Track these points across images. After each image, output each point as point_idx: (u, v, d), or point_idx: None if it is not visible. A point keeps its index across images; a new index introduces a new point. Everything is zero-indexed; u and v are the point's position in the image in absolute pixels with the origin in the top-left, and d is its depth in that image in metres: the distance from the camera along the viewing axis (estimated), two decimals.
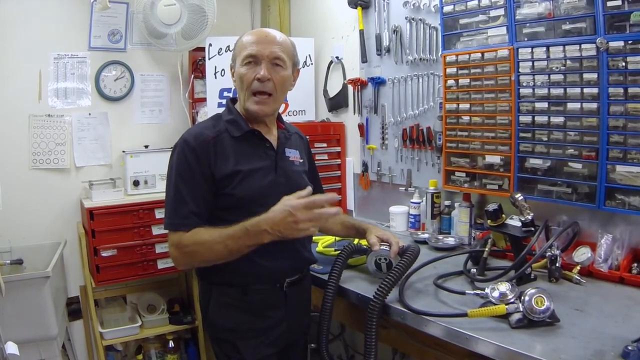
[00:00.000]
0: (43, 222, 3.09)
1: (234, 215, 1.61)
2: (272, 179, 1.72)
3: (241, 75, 1.69)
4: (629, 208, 1.84)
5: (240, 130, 1.72)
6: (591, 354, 1.32)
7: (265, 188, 1.69)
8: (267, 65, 1.68)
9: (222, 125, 1.73)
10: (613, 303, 1.67)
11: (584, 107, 1.93)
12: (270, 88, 1.70)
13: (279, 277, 1.76)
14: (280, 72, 1.71)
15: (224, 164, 1.66)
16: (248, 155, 1.71)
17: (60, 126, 3.09)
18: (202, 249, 1.60)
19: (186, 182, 1.64)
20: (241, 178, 1.66)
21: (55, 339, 2.61)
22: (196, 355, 3.36)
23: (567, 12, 1.94)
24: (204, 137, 1.67)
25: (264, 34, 1.73)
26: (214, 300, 1.74)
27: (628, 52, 1.79)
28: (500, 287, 1.59)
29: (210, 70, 3.03)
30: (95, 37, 3.14)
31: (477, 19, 2.24)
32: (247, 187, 1.67)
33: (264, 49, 1.68)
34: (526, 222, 1.89)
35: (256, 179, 1.69)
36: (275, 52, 1.70)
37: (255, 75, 1.67)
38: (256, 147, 1.74)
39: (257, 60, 1.68)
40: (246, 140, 1.73)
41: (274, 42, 1.71)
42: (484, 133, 2.27)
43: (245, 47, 1.70)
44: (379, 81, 2.86)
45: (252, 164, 1.70)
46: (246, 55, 1.68)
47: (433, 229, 2.54)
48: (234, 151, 1.69)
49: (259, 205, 1.61)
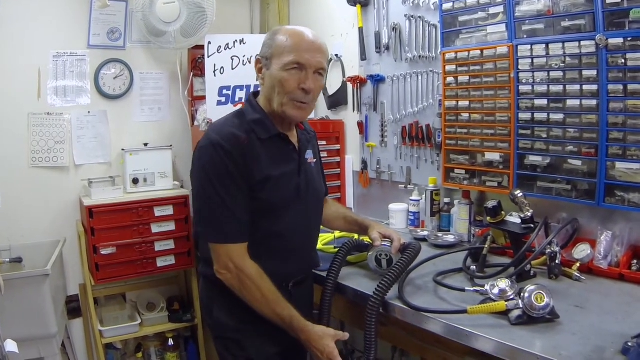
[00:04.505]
0: (42, 220, 3.09)
1: (259, 217, 1.64)
2: (296, 183, 1.72)
3: (282, 80, 1.62)
4: (628, 205, 1.84)
5: (268, 132, 1.67)
6: (591, 350, 1.32)
7: (291, 192, 1.70)
8: (312, 76, 1.64)
9: (248, 125, 1.67)
10: (613, 300, 1.67)
11: (584, 104, 1.93)
12: (311, 99, 1.67)
13: (287, 279, 1.77)
14: (320, 81, 1.69)
15: (257, 169, 1.62)
16: (276, 160, 1.68)
17: (59, 124, 3.09)
18: (257, 296, 1.60)
19: (228, 190, 1.59)
20: (272, 183, 1.65)
21: (54, 337, 2.61)
22: (196, 354, 3.36)
23: (566, 9, 1.94)
24: (237, 139, 1.61)
25: (310, 41, 1.65)
26: (220, 300, 1.73)
27: (627, 49, 1.78)
28: (500, 284, 1.59)
29: (210, 68, 3.02)
30: (95, 35, 3.14)
31: (476, 16, 2.23)
32: (277, 192, 1.66)
33: (311, 58, 1.63)
34: (526, 219, 1.89)
35: (284, 184, 1.68)
36: (322, 62, 1.66)
37: (300, 85, 1.62)
38: (282, 151, 1.72)
39: (302, 68, 1.62)
40: (273, 143, 1.69)
41: (319, 50, 1.66)
42: (484, 130, 2.26)
43: (289, 51, 1.62)
44: (379, 79, 2.86)
45: (280, 168, 1.68)
46: (291, 61, 1.61)
47: (432, 226, 2.54)
48: (263, 155, 1.64)
49: (283, 209, 1.67)
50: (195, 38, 3.08)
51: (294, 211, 1.72)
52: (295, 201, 1.71)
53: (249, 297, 1.61)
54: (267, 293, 1.60)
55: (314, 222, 1.89)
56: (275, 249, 1.71)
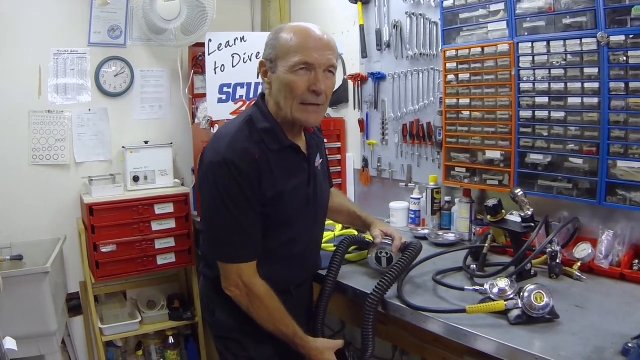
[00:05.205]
0: (43, 218, 3.09)
1: (268, 227, 1.62)
2: (306, 193, 1.69)
3: (290, 83, 1.51)
4: (630, 204, 1.83)
5: (279, 144, 1.60)
6: (591, 351, 1.31)
7: (302, 204, 1.67)
8: (323, 76, 1.54)
9: (258, 134, 1.57)
10: (614, 300, 1.66)
11: (585, 102, 1.91)
12: (324, 99, 1.57)
13: (291, 283, 1.77)
14: (331, 79, 1.59)
15: (270, 184, 1.56)
16: (287, 173, 1.62)
17: (60, 122, 3.09)
18: (264, 315, 1.60)
19: (242, 211, 1.54)
20: (285, 198, 1.60)
21: (54, 334, 2.61)
22: (196, 352, 3.36)
23: (567, 7, 1.92)
24: (252, 156, 1.52)
25: (317, 37, 1.54)
26: (220, 299, 1.69)
27: (629, 47, 1.77)
28: (500, 283, 1.58)
29: (210, 65, 3.01)
30: (95, 33, 3.13)
31: (477, 14, 2.22)
32: (289, 207, 1.63)
33: (320, 57, 1.52)
34: (526, 218, 1.88)
35: (295, 198, 1.64)
36: (331, 59, 1.55)
37: (311, 87, 1.52)
38: (293, 162, 1.66)
39: (311, 68, 1.52)
40: (284, 154, 1.62)
41: (328, 47, 1.55)
42: (484, 128, 2.25)
43: (295, 50, 1.51)
44: (379, 76, 2.85)
45: (291, 182, 1.63)
46: (298, 61, 1.50)
47: (433, 224, 2.53)
48: (275, 168, 1.57)
49: (292, 219, 1.66)
50: (195, 35, 3.07)
51: (303, 220, 1.70)
52: (304, 210, 1.68)
53: (256, 315, 1.61)
54: (274, 312, 1.60)
55: (320, 227, 1.88)
56: (282, 256, 1.69)
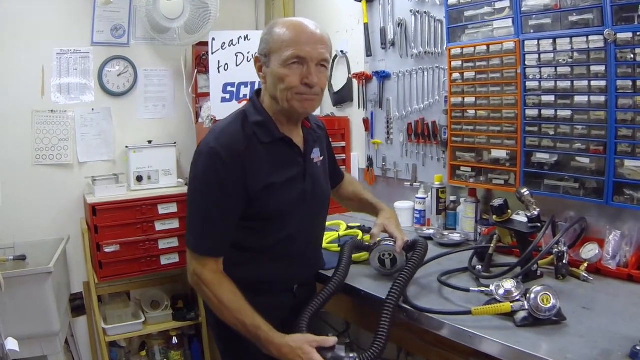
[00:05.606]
0: (46, 217, 3.09)
1: (260, 224, 1.61)
2: (301, 188, 1.67)
3: (282, 77, 1.53)
4: (637, 204, 1.80)
5: (271, 136, 1.60)
6: (598, 353, 1.29)
7: (296, 198, 1.65)
8: (315, 70, 1.54)
9: (249, 127, 1.59)
10: (621, 301, 1.63)
11: (592, 100, 1.89)
12: (318, 91, 1.58)
13: (293, 282, 1.76)
14: (325, 73, 1.60)
15: (257, 178, 1.55)
16: (279, 165, 1.61)
17: (63, 122, 3.09)
18: (215, 304, 1.54)
19: (217, 202, 1.53)
20: (275, 190, 1.59)
21: (57, 334, 2.61)
22: (200, 352, 3.35)
23: (574, 4, 1.90)
24: (236, 148, 1.52)
25: (309, 32, 1.55)
26: None
27: (637, 44, 1.74)
28: (506, 285, 1.56)
29: (214, 64, 3.01)
30: (98, 32, 3.14)
31: (482, 11, 2.20)
32: (279, 200, 1.61)
33: (312, 51, 1.53)
34: (532, 218, 1.86)
35: (288, 191, 1.62)
36: (324, 54, 1.56)
37: (303, 80, 1.53)
38: (286, 155, 1.65)
39: (303, 61, 1.53)
40: (276, 147, 1.61)
41: (321, 41, 1.55)
42: (490, 127, 2.23)
43: (288, 44, 1.52)
44: (384, 75, 2.83)
45: (283, 175, 1.61)
46: (291, 55, 1.51)
47: (438, 224, 2.51)
48: (265, 161, 1.57)
49: (288, 215, 1.63)
50: (199, 34, 3.07)
51: (300, 216, 1.68)
52: (300, 206, 1.66)
53: (210, 305, 1.57)
54: (225, 302, 1.52)
55: (320, 224, 1.86)
56: (281, 254, 1.68)
